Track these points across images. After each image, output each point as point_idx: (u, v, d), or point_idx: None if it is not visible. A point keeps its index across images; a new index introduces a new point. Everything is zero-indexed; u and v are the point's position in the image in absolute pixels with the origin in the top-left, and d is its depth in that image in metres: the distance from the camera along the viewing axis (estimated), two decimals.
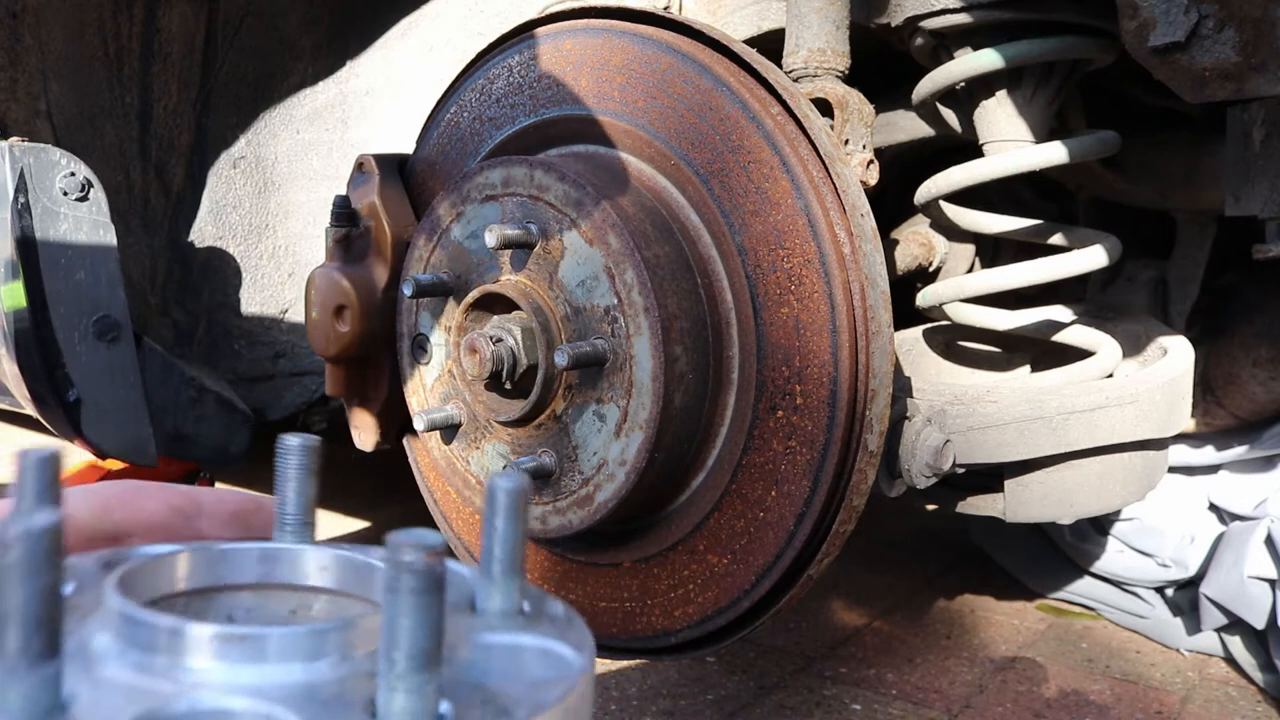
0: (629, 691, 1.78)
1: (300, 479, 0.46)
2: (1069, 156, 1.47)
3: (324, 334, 1.43)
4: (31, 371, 1.57)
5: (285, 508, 0.46)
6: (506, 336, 1.21)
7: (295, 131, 2.03)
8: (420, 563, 0.31)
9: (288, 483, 0.46)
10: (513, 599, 0.41)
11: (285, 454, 0.46)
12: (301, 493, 0.46)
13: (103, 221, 1.60)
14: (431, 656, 0.31)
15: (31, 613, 0.29)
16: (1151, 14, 1.21)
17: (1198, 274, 2.00)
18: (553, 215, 1.20)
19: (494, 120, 1.39)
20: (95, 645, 0.35)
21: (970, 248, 1.90)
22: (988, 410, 1.36)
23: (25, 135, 1.63)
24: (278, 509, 0.46)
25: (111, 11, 1.80)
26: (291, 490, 0.46)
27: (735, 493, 1.20)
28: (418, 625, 0.31)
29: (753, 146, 1.16)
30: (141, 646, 0.34)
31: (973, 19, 1.42)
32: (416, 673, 0.31)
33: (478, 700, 0.34)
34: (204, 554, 0.43)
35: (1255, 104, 1.31)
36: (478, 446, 1.32)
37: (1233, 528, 1.99)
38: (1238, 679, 1.92)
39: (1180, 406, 1.54)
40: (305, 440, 0.46)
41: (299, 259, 2.05)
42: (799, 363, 1.14)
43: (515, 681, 0.36)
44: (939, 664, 1.94)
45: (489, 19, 1.83)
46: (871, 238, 1.15)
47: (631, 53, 1.26)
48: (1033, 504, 1.45)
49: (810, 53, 1.31)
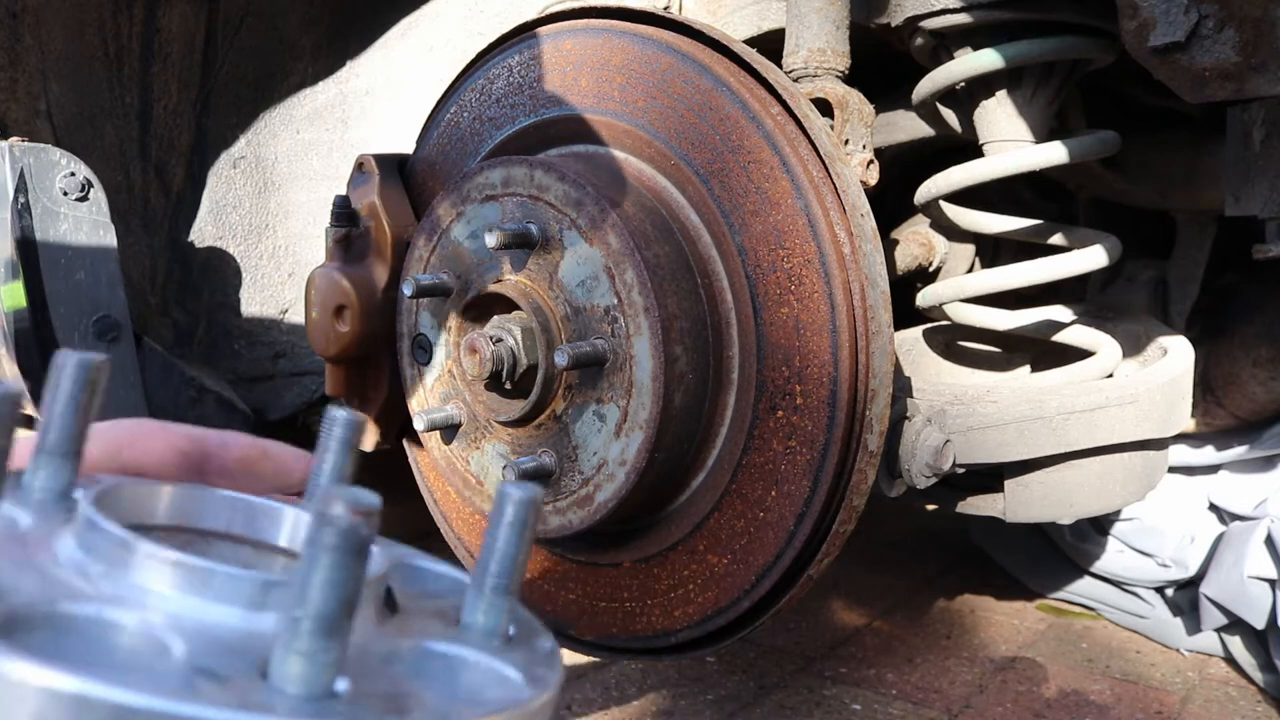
0: (629, 691, 1.78)
1: (339, 452, 0.45)
2: (1069, 156, 1.47)
3: (324, 334, 1.43)
4: (31, 371, 1.57)
5: (319, 478, 0.45)
6: (506, 336, 1.21)
7: (295, 131, 2.03)
8: (345, 519, 0.30)
9: (326, 454, 0.45)
10: (497, 619, 0.39)
11: (329, 425, 0.46)
12: (337, 466, 0.45)
13: (103, 221, 1.61)
14: (336, 622, 0.30)
15: None
16: (1151, 14, 1.21)
17: (1198, 274, 1.99)
18: (553, 215, 1.20)
19: (494, 120, 1.39)
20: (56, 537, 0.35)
21: (970, 248, 1.90)
22: (988, 410, 1.36)
23: (25, 135, 1.63)
24: (311, 477, 0.46)
25: (111, 11, 1.80)
26: (328, 463, 0.45)
27: (735, 493, 1.20)
28: (328, 585, 0.29)
29: (753, 146, 1.16)
30: (91, 551, 0.34)
31: (973, 19, 1.42)
32: (318, 637, 0.29)
33: (382, 691, 0.32)
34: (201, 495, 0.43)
35: (1255, 104, 1.31)
36: (478, 446, 1.32)
37: (1233, 528, 1.98)
38: (1238, 679, 1.92)
39: (1180, 406, 1.54)
40: (351, 415, 0.45)
41: (299, 259, 2.05)
42: (799, 363, 1.14)
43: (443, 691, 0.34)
44: (939, 664, 1.94)
45: (489, 19, 1.83)
46: (871, 238, 1.15)
47: (631, 53, 1.26)
48: (1033, 504, 1.45)
49: (810, 53, 1.31)
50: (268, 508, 0.44)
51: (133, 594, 0.33)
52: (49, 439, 0.39)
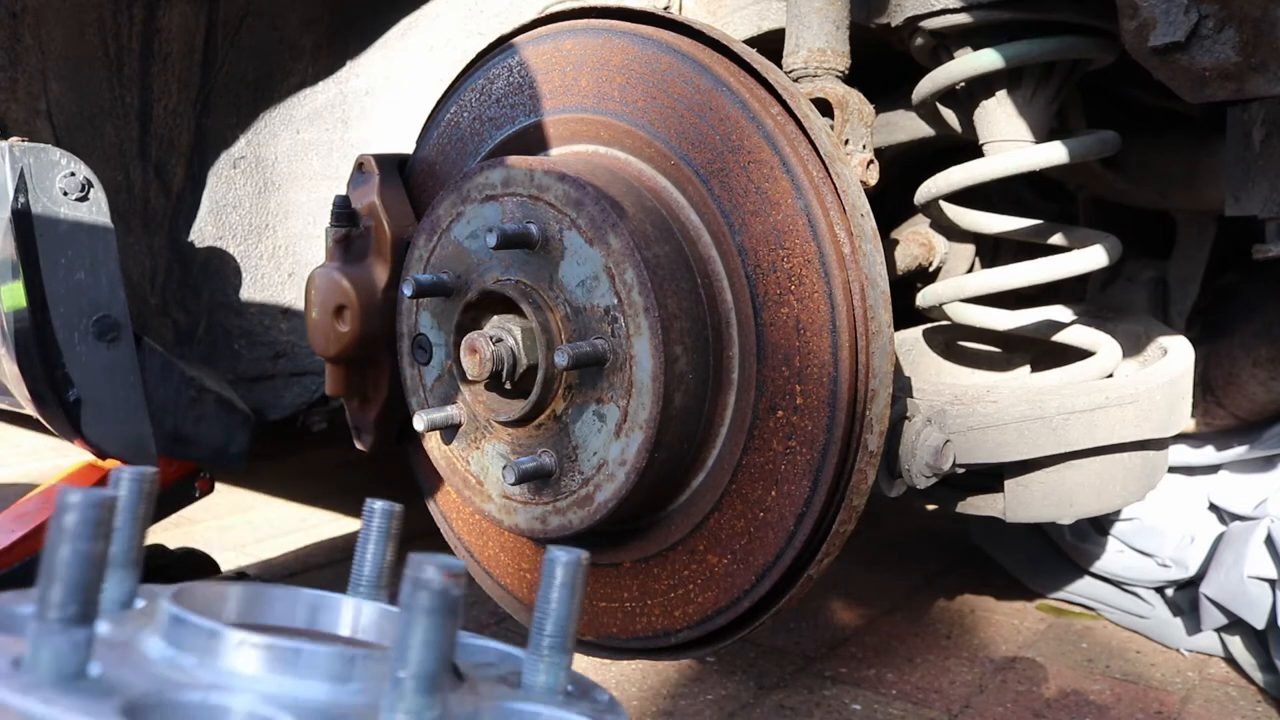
0: (629, 691, 1.78)
1: (379, 542, 0.48)
2: (1069, 156, 1.47)
3: (324, 334, 1.43)
4: (31, 371, 1.57)
5: (362, 569, 0.48)
6: (506, 336, 1.21)
7: (295, 131, 2.03)
8: (438, 581, 0.31)
9: (367, 545, 0.48)
10: (557, 677, 0.41)
11: (369, 516, 0.48)
12: (378, 556, 0.48)
13: (103, 221, 1.60)
14: (436, 680, 0.31)
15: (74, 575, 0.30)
16: (1151, 14, 1.21)
17: (1198, 274, 1.99)
18: (553, 215, 1.20)
19: (494, 120, 1.39)
20: (139, 639, 0.37)
21: (970, 248, 1.90)
22: (988, 410, 1.36)
23: (25, 135, 1.62)
24: (355, 569, 0.48)
25: (111, 11, 1.80)
26: (369, 554, 0.48)
27: (735, 493, 1.20)
28: (427, 645, 0.31)
29: (753, 146, 1.16)
30: (180, 644, 0.35)
31: (973, 19, 1.42)
32: (420, 695, 0.31)
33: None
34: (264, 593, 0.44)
35: (1255, 104, 1.31)
36: (478, 446, 1.32)
37: (1233, 528, 1.98)
38: (1238, 679, 1.92)
39: (1180, 406, 1.54)
40: (389, 506, 0.48)
41: (299, 259, 2.05)
42: (799, 363, 1.14)
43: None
44: (939, 664, 1.94)
45: (489, 19, 1.83)
46: (871, 238, 1.15)
47: (631, 53, 1.26)
48: (1033, 504, 1.45)
49: (810, 53, 1.31)
50: (324, 600, 0.46)
51: (229, 679, 0.34)
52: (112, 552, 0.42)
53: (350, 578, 0.48)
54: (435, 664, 0.31)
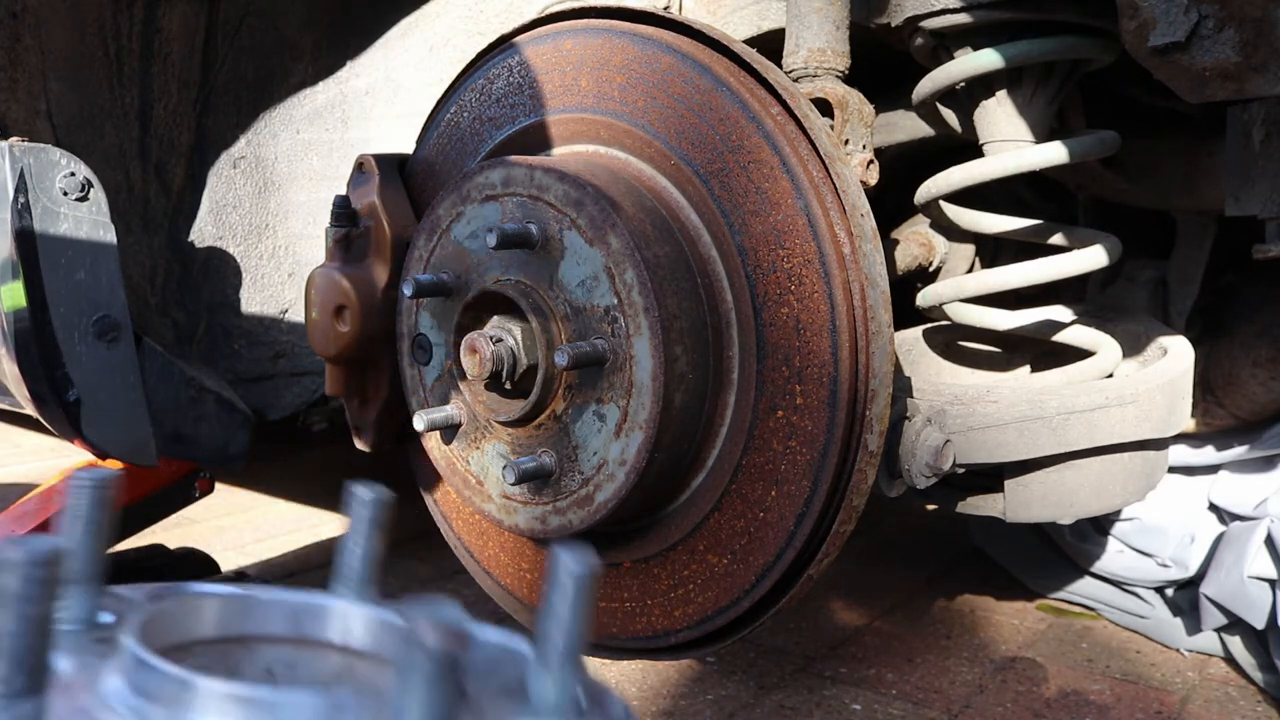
0: (629, 692, 1.78)
1: (367, 534, 0.45)
2: (1069, 156, 1.47)
3: (324, 334, 1.43)
4: (31, 371, 1.57)
5: (349, 561, 0.45)
6: (506, 336, 1.21)
7: (295, 131, 2.03)
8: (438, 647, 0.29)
9: (353, 537, 0.45)
10: (568, 690, 0.38)
11: (357, 507, 0.45)
12: (366, 549, 0.45)
13: (103, 221, 1.60)
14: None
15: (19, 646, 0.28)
16: (1151, 14, 1.21)
17: (1198, 274, 1.99)
18: (553, 215, 1.20)
19: (494, 120, 1.39)
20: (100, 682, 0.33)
21: (970, 248, 1.90)
22: (988, 410, 1.36)
23: (25, 135, 1.62)
24: (343, 558, 0.45)
25: (111, 11, 1.80)
26: (357, 545, 0.45)
27: (735, 493, 1.20)
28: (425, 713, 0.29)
29: (753, 146, 1.16)
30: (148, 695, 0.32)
31: (973, 19, 1.42)
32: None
33: None
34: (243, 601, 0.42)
35: (1255, 104, 1.31)
36: (478, 446, 1.32)
37: (1233, 528, 1.98)
38: (1238, 679, 1.92)
39: (1180, 406, 1.54)
40: (377, 494, 0.45)
41: (299, 259, 2.05)
42: (799, 363, 1.14)
43: None
44: (939, 664, 1.94)
45: (489, 19, 1.83)
46: (871, 238, 1.15)
47: (631, 53, 1.26)
48: (1033, 504, 1.45)
49: (810, 53, 1.31)
50: (312, 605, 0.43)
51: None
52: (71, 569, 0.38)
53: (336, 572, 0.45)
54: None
